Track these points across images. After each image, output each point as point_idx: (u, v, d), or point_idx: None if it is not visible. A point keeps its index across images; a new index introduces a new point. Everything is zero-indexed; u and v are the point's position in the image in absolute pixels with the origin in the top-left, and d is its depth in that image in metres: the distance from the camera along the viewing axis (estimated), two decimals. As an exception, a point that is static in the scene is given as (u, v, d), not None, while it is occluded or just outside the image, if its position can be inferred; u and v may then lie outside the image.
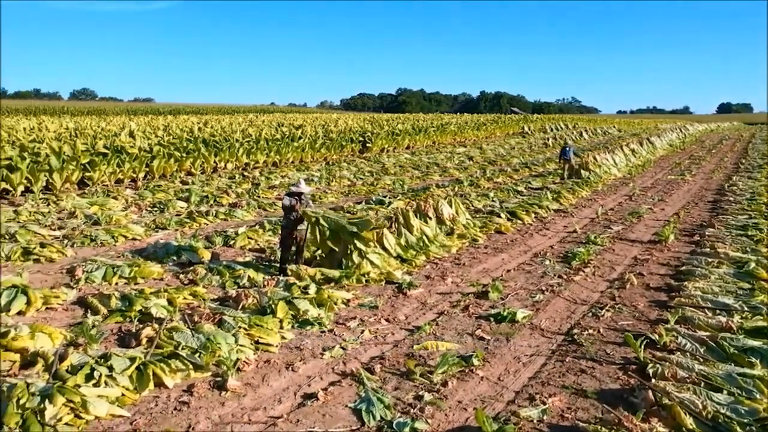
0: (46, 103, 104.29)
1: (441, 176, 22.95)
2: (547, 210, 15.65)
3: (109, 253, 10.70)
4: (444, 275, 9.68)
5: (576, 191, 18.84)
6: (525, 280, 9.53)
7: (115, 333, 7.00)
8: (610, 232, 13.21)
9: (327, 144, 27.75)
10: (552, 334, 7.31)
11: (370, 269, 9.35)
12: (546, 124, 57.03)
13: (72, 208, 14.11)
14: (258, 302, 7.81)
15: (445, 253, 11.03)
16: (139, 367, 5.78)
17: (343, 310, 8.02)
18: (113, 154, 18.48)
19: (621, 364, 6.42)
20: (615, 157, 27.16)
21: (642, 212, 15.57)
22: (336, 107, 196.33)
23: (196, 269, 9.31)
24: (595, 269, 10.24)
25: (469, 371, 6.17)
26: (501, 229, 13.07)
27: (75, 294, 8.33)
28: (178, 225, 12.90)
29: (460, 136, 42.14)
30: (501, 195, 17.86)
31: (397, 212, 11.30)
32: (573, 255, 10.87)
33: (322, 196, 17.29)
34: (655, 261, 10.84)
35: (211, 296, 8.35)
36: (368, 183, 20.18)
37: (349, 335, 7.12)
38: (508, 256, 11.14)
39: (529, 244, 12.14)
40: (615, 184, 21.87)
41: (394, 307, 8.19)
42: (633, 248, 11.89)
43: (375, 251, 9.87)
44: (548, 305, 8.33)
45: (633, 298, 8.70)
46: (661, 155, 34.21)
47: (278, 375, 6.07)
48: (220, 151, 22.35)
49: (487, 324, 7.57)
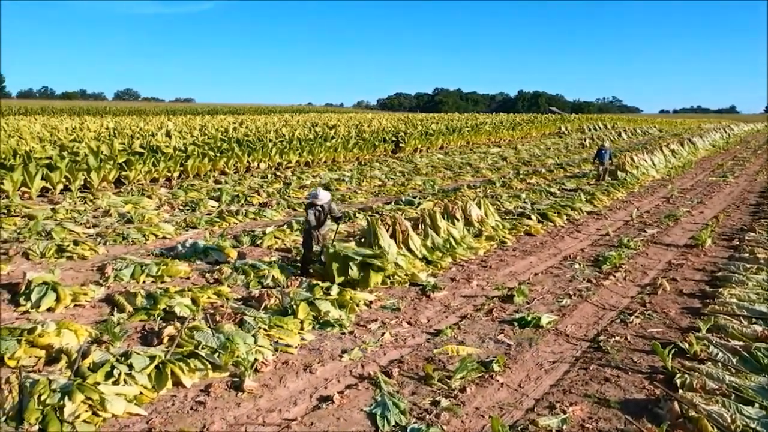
0: (91, 103, 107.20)
1: (473, 177, 22.73)
2: (580, 212, 15.32)
3: (139, 251, 10.88)
4: (469, 278, 9.55)
5: (611, 193, 18.42)
6: (552, 284, 9.33)
7: (138, 331, 7.09)
8: (644, 236, 12.85)
9: (359, 144, 27.77)
10: (577, 340, 7.12)
11: (395, 271, 9.28)
12: (584, 124, 55.97)
13: (107, 207, 14.42)
14: (280, 302, 7.83)
15: (472, 255, 10.89)
16: (159, 365, 5.84)
17: (365, 311, 7.97)
18: (149, 154, 18.83)
19: (647, 373, 6.21)
20: (654, 157, 26.48)
21: (679, 215, 15.11)
22: (372, 107, 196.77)
23: (221, 268, 9.39)
24: (627, 274, 9.96)
25: (488, 377, 6.05)
26: (530, 231, 12.85)
27: (103, 291, 8.49)
28: (207, 224, 13.06)
29: (495, 136, 41.68)
30: (533, 196, 17.56)
31: (424, 213, 11.19)
32: (604, 259, 10.60)
33: (351, 196, 17.29)
34: (690, 266, 10.49)
35: (235, 296, 8.41)
36: (399, 183, 20.11)
37: (369, 337, 7.07)
38: (536, 259, 10.93)
39: (559, 246, 11.90)
40: (653, 185, 21.30)
41: (417, 309, 8.11)
42: (667, 252, 11.53)
43: (400, 253, 9.80)
44: (575, 310, 8.13)
45: (664, 304, 8.42)
46: (702, 156, 33.22)
47: (295, 377, 6.06)
48: (254, 151, 22.57)
49: (510, 329, 7.42)
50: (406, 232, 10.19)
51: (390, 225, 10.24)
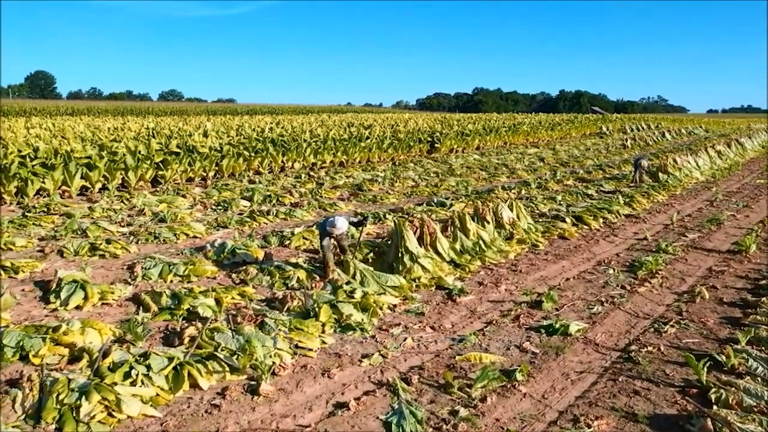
0: (136, 103, 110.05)
1: (508, 178, 22.36)
2: (618, 215, 14.86)
3: (169, 250, 10.99)
4: (498, 282, 9.32)
5: (651, 195, 17.84)
6: (584, 290, 9.03)
7: (161, 330, 7.12)
8: (684, 240, 12.36)
9: (394, 144, 27.65)
10: (607, 350, 6.85)
11: (421, 274, 9.13)
12: (626, 124, 54.60)
13: (141, 206, 14.66)
14: (303, 305, 7.77)
15: (502, 258, 10.64)
16: (176, 367, 5.82)
17: (388, 315, 7.85)
18: (185, 154, 19.11)
19: (680, 386, 5.90)
20: (698, 159, 25.58)
21: (722, 219, 14.51)
22: (411, 107, 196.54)
23: (247, 269, 9.39)
24: (663, 280, 9.57)
25: (511, 387, 5.85)
26: (564, 235, 12.50)
27: (131, 290, 8.58)
28: (238, 224, 13.13)
29: (533, 136, 40.99)
30: (569, 198, 17.13)
31: (453, 215, 11.00)
32: (640, 264, 10.22)
33: (383, 197, 17.18)
34: (731, 273, 10.02)
35: (259, 297, 8.39)
36: (432, 184, 19.90)
37: (391, 342, 6.93)
38: (569, 263, 10.61)
39: (593, 251, 11.54)
40: (696, 188, 20.56)
41: (441, 314, 7.94)
42: (708, 258, 11.06)
43: (427, 255, 9.64)
44: (606, 318, 7.83)
45: (702, 313, 8.05)
46: (751, 157, 31.95)
47: (313, 381, 5.97)
48: (288, 151, 22.68)
49: (537, 336, 7.19)
50: (434, 234, 10.02)
51: (417, 227, 10.08)
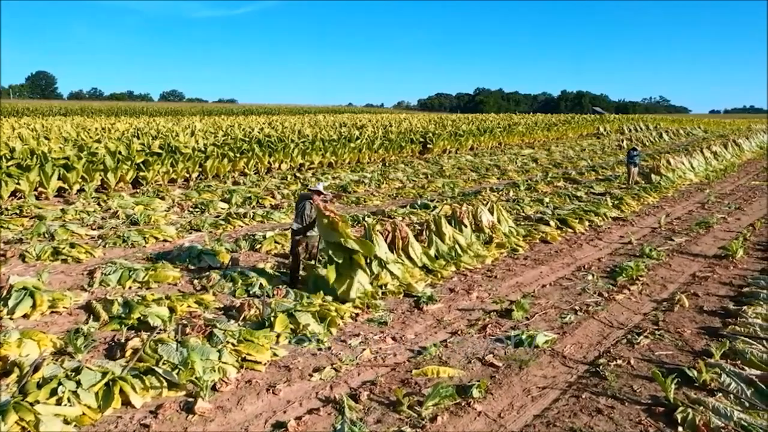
0: (131, 104, 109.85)
1: (499, 179, 21.99)
2: (604, 218, 14.49)
3: (136, 254, 10.65)
4: (470, 289, 8.95)
5: (641, 197, 17.46)
6: (559, 298, 8.65)
7: (107, 341, 6.76)
8: (670, 245, 11.99)
9: (385, 145, 27.30)
10: (574, 363, 6.47)
11: (389, 280, 8.76)
12: (624, 124, 54.17)
13: (116, 208, 14.30)
14: (260, 313, 7.41)
15: (479, 264, 10.27)
16: (109, 383, 5.47)
17: (349, 324, 7.49)
18: (167, 154, 18.76)
19: (647, 404, 5.53)
20: (693, 160, 25.21)
21: (712, 222, 14.12)
22: (413, 107, 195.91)
23: (210, 275, 9.04)
24: (644, 287, 9.20)
25: (465, 404, 5.48)
26: (547, 239, 12.13)
27: (86, 297, 8.23)
28: (212, 227, 12.78)
29: (529, 137, 40.60)
30: (557, 200, 16.76)
31: (429, 219, 10.64)
32: (620, 270, 9.85)
33: (367, 199, 16.83)
34: (716, 279, 9.65)
35: (218, 305, 8.03)
36: (419, 186, 19.54)
37: (347, 354, 6.57)
38: (548, 268, 10.24)
39: (575, 255, 11.17)
40: (689, 190, 20.18)
41: (406, 323, 7.57)
42: (693, 263, 10.68)
43: (398, 261, 9.27)
44: (578, 328, 7.46)
45: (680, 323, 7.67)
46: (748, 159, 31.57)
47: (256, 398, 5.61)
48: (275, 152, 22.34)
49: (502, 348, 6.82)
50: (407, 239, 9.66)
51: (390, 231, 9.73)
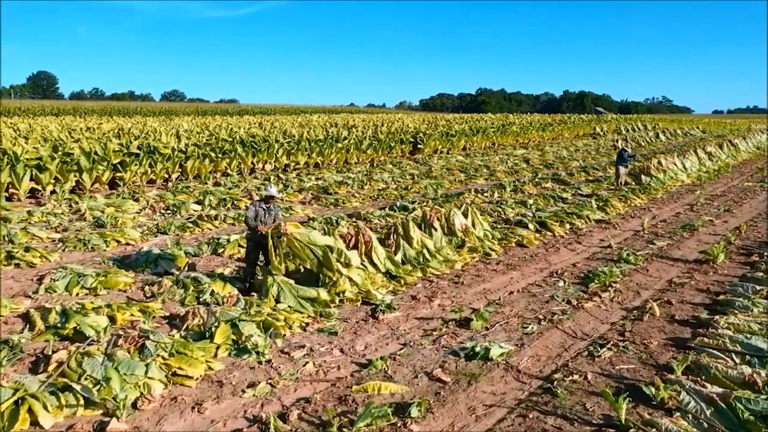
0: (124, 104, 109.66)
1: (486, 180, 21.60)
2: (587, 220, 14.09)
3: (95, 259, 10.27)
4: (433, 296, 8.56)
5: (628, 199, 17.05)
6: (525, 306, 8.26)
7: (36, 353, 6.39)
8: (651, 248, 11.59)
9: (374, 145, 26.92)
10: (528, 378, 6.08)
11: (347, 287, 8.37)
12: (621, 124, 53.64)
13: (86, 209, 13.93)
14: (203, 323, 7.03)
15: (448, 269, 9.88)
16: (18, 401, 5.09)
17: (297, 335, 7.10)
18: (145, 155, 18.40)
19: (597, 425, 5.14)
20: (686, 161, 24.78)
21: (698, 225, 13.71)
22: (415, 107, 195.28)
23: (162, 281, 8.67)
24: (616, 294, 8.80)
25: (402, 425, 5.09)
26: (523, 242, 11.74)
27: (29, 305, 7.87)
28: (179, 229, 12.41)
29: (523, 137, 40.14)
30: (542, 202, 16.37)
31: (396, 222, 10.25)
32: (594, 276, 9.45)
33: (345, 201, 16.44)
34: (693, 286, 9.25)
35: (164, 313, 7.65)
36: (403, 187, 19.15)
37: (288, 368, 6.18)
38: (519, 274, 9.85)
39: (550, 260, 10.77)
40: (680, 191, 19.75)
41: (357, 334, 7.18)
42: (672, 269, 10.28)
43: (360, 267, 8.88)
44: (539, 339, 7.07)
45: (648, 333, 7.27)
46: (744, 159, 31.10)
47: (179, 417, 5.23)
48: (258, 152, 21.97)
49: (454, 361, 6.43)
50: (370, 242, 9.27)
51: (353, 235, 9.34)
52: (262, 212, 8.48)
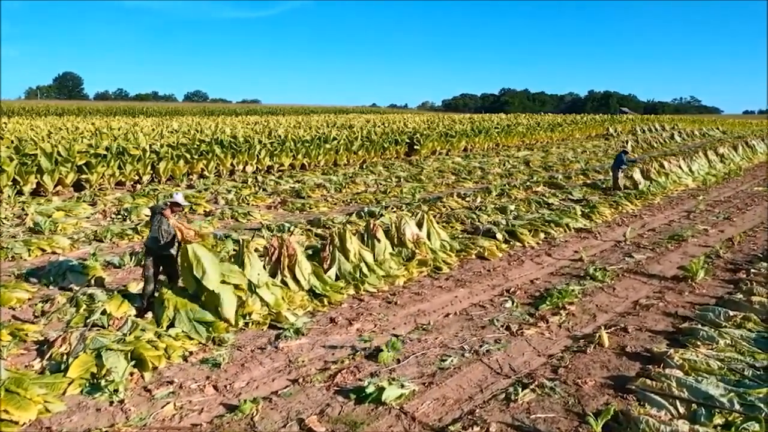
0: (136, 104, 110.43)
1: (475, 183, 20.47)
2: (566, 229, 12.94)
3: (11, 269, 9.47)
4: (356, 319, 7.56)
5: (620, 205, 15.83)
6: (455, 332, 7.21)
7: None
8: (627, 263, 10.44)
9: (366, 146, 25.93)
10: (422, 428, 5.05)
11: (257, 308, 7.41)
12: (637, 125, 51.86)
13: (32, 214, 13.18)
14: (70, 351, 6.13)
15: (387, 285, 8.87)
16: None
17: (174, 367, 6.16)
18: (113, 156, 17.67)
19: (477, 501, 4.10)
20: (693, 163, 23.38)
21: (687, 235, 12.46)
22: (437, 108, 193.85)
23: (56, 298, 7.80)
24: (568, 318, 7.71)
25: (233, 496, 4.11)
26: (485, 254, 10.66)
27: None
28: (117, 237, 11.58)
29: (530, 138, 38.78)
30: (524, 208, 15.23)
31: (333, 233, 9.26)
32: (548, 295, 8.36)
33: (313, 206, 15.50)
34: (661, 309, 8.11)
35: (37, 337, 6.77)
36: (382, 191, 18.12)
37: (141, 411, 5.25)
38: (467, 292, 8.79)
39: (508, 275, 9.69)
40: (680, 196, 18.42)
41: (245, 366, 6.21)
42: (644, 287, 9.13)
43: (276, 284, 7.93)
44: (455, 376, 6.03)
45: (587, 369, 6.19)
46: (760, 162, 29.40)
47: (-29, 477, 4.32)
48: (239, 153, 21.15)
49: (340, 405, 5.42)
50: (294, 256, 8.30)
51: (276, 248, 8.38)
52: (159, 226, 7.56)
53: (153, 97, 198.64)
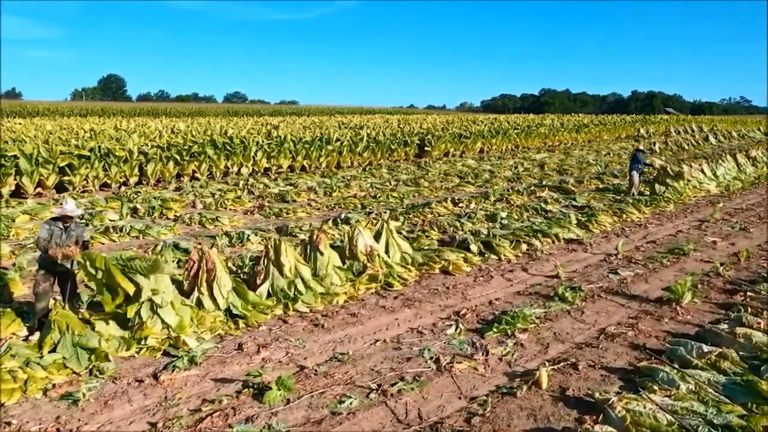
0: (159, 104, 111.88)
1: (477, 187, 19.33)
2: (555, 240, 11.79)
3: (-64, 278, 8.89)
4: (266, 345, 6.66)
5: (624, 213, 14.54)
6: (371, 366, 6.23)
7: None
8: (608, 281, 9.28)
9: (371, 147, 25.03)
10: (272, 497, 4.12)
11: (156, 331, 6.58)
12: (671, 126, 49.52)
13: (-7, 218, 12.72)
14: None
15: (323, 304, 7.95)
16: None
17: (28, 403, 5.36)
18: (97, 158, 17.20)
19: None
20: (719, 167, 21.73)
21: (690, 249, 11.15)
22: (476, 108, 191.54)
23: (-54, 314, 7.12)
24: (514, 349, 6.65)
25: None
26: (449, 269, 9.64)
27: None
28: (66, 244, 10.93)
29: (552, 139, 37.22)
30: (516, 215, 14.11)
31: (267, 245, 8.38)
32: (500, 320, 7.30)
33: (292, 211, 14.66)
34: (628, 340, 6.97)
35: None
36: (372, 195, 17.19)
37: (-44, 461, 4.47)
38: (412, 314, 7.80)
39: (468, 294, 8.65)
40: (698, 203, 16.95)
41: (108, 404, 5.37)
42: (618, 311, 7.99)
43: (186, 303, 7.09)
44: (343, 424, 5.06)
45: (508, 420, 5.15)
46: (798, 165, 27.35)
47: None
48: (233, 155, 20.50)
49: (190, 459, 4.53)
50: (213, 271, 7.45)
51: (195, 261, 7.56)
52: (58, 232, 6.82)
53: (193, 98, 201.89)
